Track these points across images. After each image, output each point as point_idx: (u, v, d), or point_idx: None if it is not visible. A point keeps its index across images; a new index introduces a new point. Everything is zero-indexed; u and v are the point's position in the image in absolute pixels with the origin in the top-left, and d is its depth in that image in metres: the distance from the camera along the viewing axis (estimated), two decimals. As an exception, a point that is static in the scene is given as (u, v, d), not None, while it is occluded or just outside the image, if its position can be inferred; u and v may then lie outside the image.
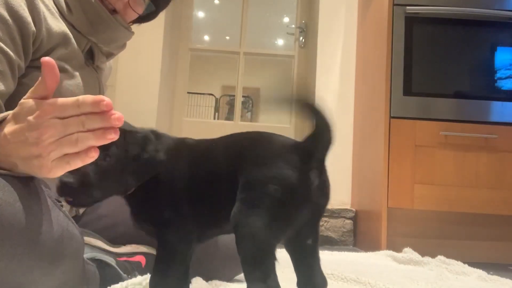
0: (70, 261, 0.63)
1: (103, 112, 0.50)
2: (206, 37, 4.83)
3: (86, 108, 0.50)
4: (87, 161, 0.52)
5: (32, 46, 0.78)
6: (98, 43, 0.93)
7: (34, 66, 0.79)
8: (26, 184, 0.58)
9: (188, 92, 2.95)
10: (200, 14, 4.51)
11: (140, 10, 0.95)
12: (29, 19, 0.76)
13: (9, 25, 0.73)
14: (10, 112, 0.54)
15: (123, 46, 1.00)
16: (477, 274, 1.35)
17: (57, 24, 0.84)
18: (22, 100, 0.53)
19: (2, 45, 0.72)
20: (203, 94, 5.14)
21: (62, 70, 0.81)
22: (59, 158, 0.52)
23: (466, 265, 1.47)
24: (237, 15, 2.98)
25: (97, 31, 0.90)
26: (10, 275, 0.55)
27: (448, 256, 1.59)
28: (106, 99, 0.50)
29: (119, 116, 0.51)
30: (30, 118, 0.50)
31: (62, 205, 0.68)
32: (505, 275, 1.39)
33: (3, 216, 0.52)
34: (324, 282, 0.68)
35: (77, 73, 0.88)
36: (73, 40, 0.87)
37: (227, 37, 4.83)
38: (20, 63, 0.76)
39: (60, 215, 0.63)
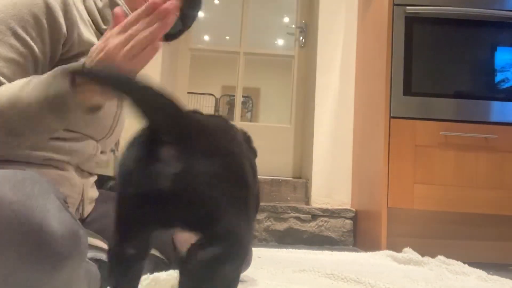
0: (74, 262, 0.63)
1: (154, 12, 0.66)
2: (206, 37, 4.83)
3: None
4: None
5: (62, 47, 0.86)
6: None
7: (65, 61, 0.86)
8: (41, 182, 0.61)
9: (188, 92, 2.95)
10: (200, 14, 4.51)
11: None
12: (63, 23, 0.84)
13: (43, 27, 0.82)
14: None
15: None
16: (477, 274, 1.35)
17: (88, 33, 0.90)
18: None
19: (32, 44, 0.81)
20: (203, 94, 5.14)
21: None
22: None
23: (466, 265, 1.47)
24: (237, 15, 2.98)
25: None
26: (13, 275, 0.55)
27: (448, 256, 1.59)
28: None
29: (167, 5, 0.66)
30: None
31: (68, 207, 0.68)
32: (505, 275, 1.39)
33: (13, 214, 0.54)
34: None
35: None
36: None
37: (227, 37, 4.83)
38: (44, 62, 0.84)
39: (66, 216, 0.64)
